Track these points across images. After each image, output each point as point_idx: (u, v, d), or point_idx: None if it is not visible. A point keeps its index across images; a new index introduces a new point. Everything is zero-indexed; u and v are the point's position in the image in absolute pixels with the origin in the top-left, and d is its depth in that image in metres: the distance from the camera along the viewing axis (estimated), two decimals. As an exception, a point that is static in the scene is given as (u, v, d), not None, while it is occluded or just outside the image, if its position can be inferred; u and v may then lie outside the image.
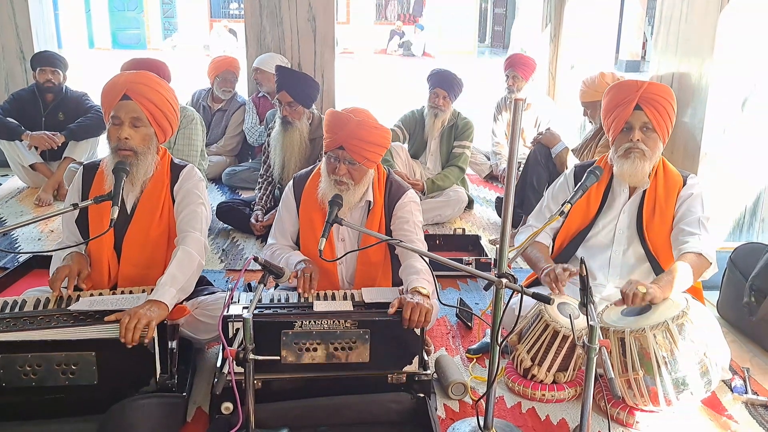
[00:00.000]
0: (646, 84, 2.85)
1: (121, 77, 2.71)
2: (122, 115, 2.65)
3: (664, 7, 4.39)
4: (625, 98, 2.85)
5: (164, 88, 2.75)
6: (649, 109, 2.82)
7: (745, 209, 4.03)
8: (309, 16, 5.55)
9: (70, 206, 2.54)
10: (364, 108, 2.91)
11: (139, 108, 2.66)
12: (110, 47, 23.82)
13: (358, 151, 2.79)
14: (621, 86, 2.93)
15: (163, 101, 2.71)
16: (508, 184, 2.16)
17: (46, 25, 6.58)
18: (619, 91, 2.91)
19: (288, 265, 2.91)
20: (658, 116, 2.83)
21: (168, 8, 25.07)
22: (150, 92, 2.68)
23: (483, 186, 6.22)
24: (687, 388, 2.47)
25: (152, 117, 2.69)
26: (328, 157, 2.86)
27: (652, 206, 2.91)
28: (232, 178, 5.89)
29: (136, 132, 2.67)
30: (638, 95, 2.82)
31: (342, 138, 2.76)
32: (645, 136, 2.84)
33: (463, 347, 3.14)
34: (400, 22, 26.11)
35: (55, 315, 2.42)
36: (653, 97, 2.82)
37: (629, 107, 2.83)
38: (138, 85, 2.67)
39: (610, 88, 2.99)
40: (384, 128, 2.86)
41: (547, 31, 8.16)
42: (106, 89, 2.71)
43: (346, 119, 2.77)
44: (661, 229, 2.90)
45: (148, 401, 2.34)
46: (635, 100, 2.82)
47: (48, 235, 4.61)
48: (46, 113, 5.52)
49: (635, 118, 2.84)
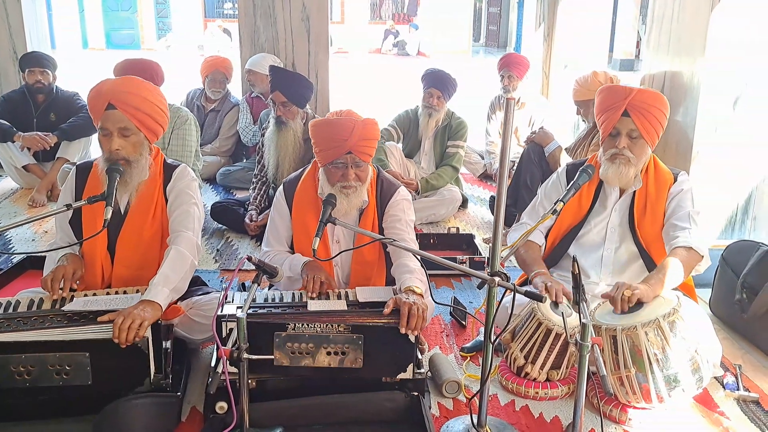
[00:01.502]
0: (635, 91, 2.82)
1: (104, 86, 2.65)
2: (110, 126, 2.62)
3: (656, 6, 4.41)
4: (613, 103, 2.84)
5: (149, 92, 2.71)
6: (636, 116, 2.81)
7: (737, 207, 4.04)
8: (303, 16, 5.54)
9: (64, 207, 2.54)
10: (346, 109, 2.93)
11: (125, 117, 2.61)
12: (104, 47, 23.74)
13: (365, 150, 2.80)
14: (611, 90, 2.92)
15: (149, 105, 2.67)
16: (501, 183, 2.16)
17: (39, 25, 6.57)
18: (608, 95, 2.90)
19: (291, 267, 2.90)
20: (646, 123, 2.82)
21: (162, 8, 25.01)
22: (135, 99, 2.63)
23: (477, 185, 6.24)
24: (679, 385, 2.48)
25: (140, 123, 2.65)
26: (332, 166, 2.82)
27: (643, 204, 2.92)
28: (227, 178, 5.89)
29: (127, 141, 2.64)
30: (626, 102, 2.80)
31: (351, 143, 2.76)
32: (631, 143, 2.83)
33: (457, 346, 3.15)
34: (392, 21, 26.10)
35: (49, 315, 2.42)
36: (641, 105, 2.81)
37: (617, 113, 2.83)
38: (122, 94, 2.62)
39: (602, 89, 2.98)
40: (375, 120, 2.89)
41: (540, 30, 8.17)
42: (90, 97, 2.67)
43: (351, 124, 2.76)
44: (652, 227, 2.91)
45: (142, 401, 2.35)
46: (623, 107, 2.81)
47: (42, 236, 4.61)
48: (37, 114, 5.51)
49: (622, 125, 2.83)
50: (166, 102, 2.83)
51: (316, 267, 2.85)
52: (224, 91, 6.25)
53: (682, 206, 2.85)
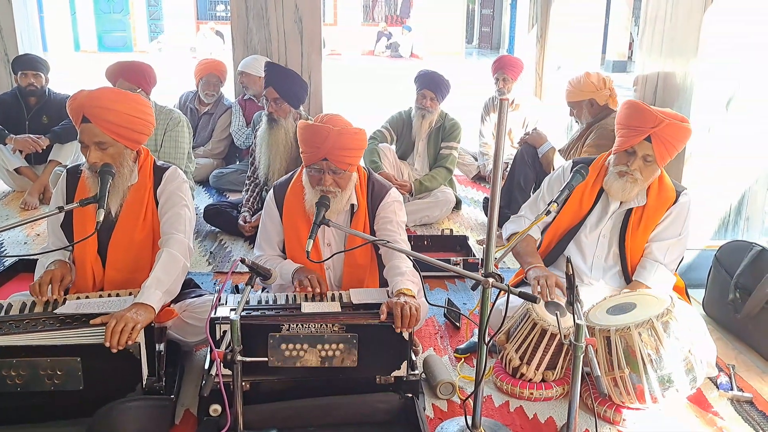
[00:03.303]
0: (665, 123, 2.76)
1: (77, 99, 2.61)
2: (86, 140, 2.60)
3: (649, 7, 4.42)
4: (639, 126, 2.79)
5: (124, 103, 2.64)
6: (657, 144, 2.79)
7: (730, 208, 4.05)
8: (296, 18, 5.53)
9: (56, 209, 2.52)
10: (335, 114, 2.90)
11: (99, 131, 2.58)
12: (96, 50, 23.64)
13: (342, 159, 2.77)
14: (641, 112, 2.82)
15: (123, 117, 2.62)
16: (494, 184, 2.16)
17: (31, 27, 6.54)
18: (637, 115, 2.82)
19: (282, 274, 2.90)
20: (665, 152, 2.81)
21: (154, 10, 24.94)
22: (107, 113, 2.59)
23: (471, 187, 6.24)
24: (672, 385, 2.49)
25: (116, 135, 2.62)
26: (310, 170, 2.83)
27: (639, 218, 2.94)
28: (220, 180, 5.88)
29: (104, 153, 2.62)
30: (653, 131, 2.77)
31: (325, 150, 2.74)
32: (644, 165, 2.83)
33: (451, 347, 3.15)
34: (385, 23, 26.11)
35: (41, 319, 2.41)
36: (666, 137, 2.78)
37: (639, 137, 2.79)
38: (95, 109, 2.58)
39: (632, 105, 2.90)
40: (360, 131, 2.84)
41: (533, 32, 8.19)
42: (68, 107, 2.64)
43: (326, 131, 2.74)
44: (642, 239, 2.95)
45: (135, 404, 2.34)
46: (648, 133, 2.78)
47: (34, 239, 4.59)
48: (29, 117, 5.48)
49: (641, 148, 2.81)
50: (149, 108, 2.77)
51: (308, 272, 2.85)
52: (218, 94, 6.24)
53: (669, 233, 2.90)
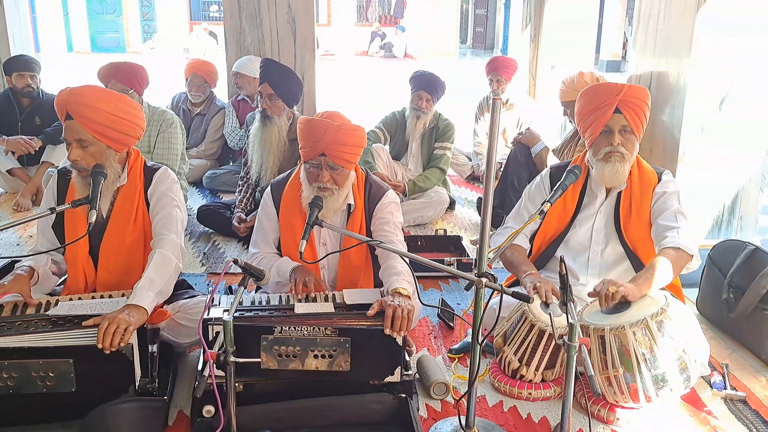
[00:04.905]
0: (625, 87, 2.83)
1: (61, 96, 2.60)
2: (68, 137, 2.59)
3: (642, 6, 4.42)
4: (603, 102, 2.82)
5: (108, 102, 2.63)
6: (628, 112, 2.81)
7: (724, 207, 4.06)
8: (289, 18, 5.52)
9: (47, 210, 2.51)
10: (335, 110, 2.89)
11: (81, 128, 2.57)
12: (89, 51, 23.60)
13: (340, 155, 2.77)
14: (598, 89, 2.90)
15: (107, 116, 2.60)
16: (487, 184, 2.16)
17: (23, 28, 6.52)
18: (597, 94, 2.88)
19: (280, 272, 2.89)
20: (636, 118, 2.83)
21: (147, 11, 24.89)
22: (90, 111, 2.57)
23: (464, 187, 6.24)
24: (666, 385, 2.49)
25: (98, 134, 2.60)
26: (309, 165, 2.82)
27: (629, 204, 2.93)
28: (213, 181, 5.87)
29: (85, 152, 2.61)
30: (617, 99, 2.80)
31: (323, 145, 2.74)
32: (624, 139, 2.84)
33: (444, 347, 3.14)
34: (379, 23, 26.11)
35: (33, 320, 2.39)
36: (632, 101, 2.81)
37: (608, 111, 2.81)
38: (77, 106, 2.57)
39: (586, 90, 2.97)
40: (360, 128, 2.85)
41: (527, 32, 8.20)
42: (54, 104, 2.63)
43: (325, 126, 2.74)
44: (638, 227, 2.92)
45: (128, 405, 2.33)
46: (615, 104, 2.80)
47: (27, 240, 4.56)
48: (22, 118, 5.47)
49: (615, 122, 2.83)
50: (137, 110, 2.75)
51: (305, 271, 2.84)
52: (204, 95, 6.17)
53: (669, 205, 2.85)
